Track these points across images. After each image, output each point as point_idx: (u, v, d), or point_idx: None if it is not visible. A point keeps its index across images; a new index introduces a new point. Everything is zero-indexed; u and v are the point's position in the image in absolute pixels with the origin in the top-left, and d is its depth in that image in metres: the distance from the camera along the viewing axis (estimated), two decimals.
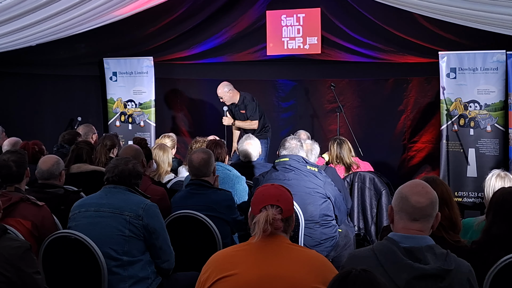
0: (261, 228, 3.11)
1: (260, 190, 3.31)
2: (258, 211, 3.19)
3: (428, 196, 3.06)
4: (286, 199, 3.25)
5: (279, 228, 3.17)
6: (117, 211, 4.41)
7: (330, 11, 10.24)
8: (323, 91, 10.44)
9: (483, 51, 8.82)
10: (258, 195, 3.27)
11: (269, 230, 3.12)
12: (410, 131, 10.15)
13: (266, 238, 3.14)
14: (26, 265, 3.58)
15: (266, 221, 3.11)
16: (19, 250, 3.56)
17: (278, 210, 3.17)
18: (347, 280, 2.48)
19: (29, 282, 3.58)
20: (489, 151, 8.85)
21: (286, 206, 3.22)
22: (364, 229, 7.14)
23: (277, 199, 3.20)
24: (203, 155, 5.37)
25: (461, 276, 2.95)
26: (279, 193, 3.26)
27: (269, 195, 3.23)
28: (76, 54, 10.90)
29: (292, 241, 3.26)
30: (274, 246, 3.17)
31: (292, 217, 3.29)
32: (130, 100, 10.79)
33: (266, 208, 3.17)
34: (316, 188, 5.72)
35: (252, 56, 10.67)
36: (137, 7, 9.43)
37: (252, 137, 7.22)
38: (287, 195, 3.29)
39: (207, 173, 5.36)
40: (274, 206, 3.18)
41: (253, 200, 3.28)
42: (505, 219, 3.97)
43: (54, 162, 5.42)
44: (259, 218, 3.14)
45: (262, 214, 3.14)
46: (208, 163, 5.35)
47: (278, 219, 3.14)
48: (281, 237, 3.20)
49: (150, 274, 4.48)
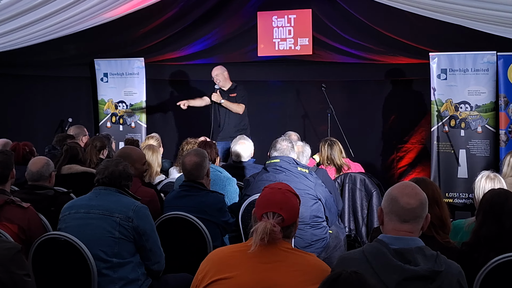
0: (258, 238, 3.06)
1: (267, 191, 3.26)
2: (260, 216, 3.15)
3: (417, 198, 3.07)
4: (290, 206, 3.21)
5: (277, 238, 3.11)
6: (107, 213, 4.40)
7: (321, 12, 10.25)
8: (314, 92, 10.43)
9: (473, 52, 8.85)
10: (263, 198, 3.22)
11: (266, 240, 3.06)
12: (399, 131, 10.16)
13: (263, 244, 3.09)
14: (17, 267, 3.54)
15: (263, 232, 3.06)
16: (10, 251, 3.53)
17: (279, 219, 3.12)
18: (338, 282, 2.48)
19: (21, 285, 3.55)
20: (479, 152, 8.87)
21: (289, 215, 3.17)
22: (355, 230, 7.15)
23: (280, 207, 3.16)
24: (195, 158, 5.35)
25: (451, 277, 2.96)
26: (284, 200, 3.20)
27: (274, 201, 3.18)
28: (66, 55, 10.86)
29: None
30: (273, 251, 3.12)
31: (295, 223, 3.24)
32: (121, 101, 10.77)
33: (268, 216, 3.13)
34: (306, 189, 5.71)
35: (243, 57, 10.67)
36: (128, 9, 9.40)
37: (245, 137, 7.23)
38: (292, 203, 3.24)
39: (199, 176, 5.34)
40: (276, 214, 3.13)
41: (258, 201, 3.23)
42: (495, 220, 3.98)
43: (44, 163, 5.40)
44: (257, 228, 3.08)
45: (261, 224, 3.09)
46: (200, 167, 5.33)
47: (276, 231, 3.09)
48: (281, 242, 3.15)
49: (140, 275, 4.47)
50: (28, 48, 9.75)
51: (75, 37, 9.93)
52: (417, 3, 7.92)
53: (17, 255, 3.51)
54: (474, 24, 8.00)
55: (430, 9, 7.96)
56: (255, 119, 10.25)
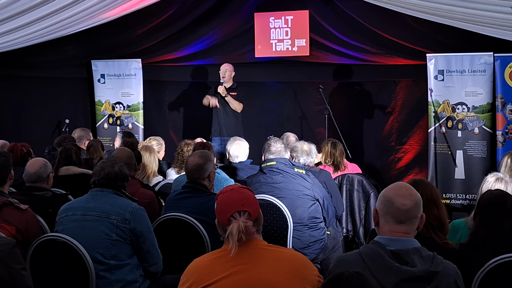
0: (236, 240, 3.08)
1: (222, 198, 3.25)
2: (226, 220, 3.15)
3: (412, 198, 3.07)
4: (250, 200, 3.23)
5: (252, 233, 3.13)
6: (104, 215, 4.40)
7: (318, 14, 10.26)
8: (311, 93, 10.44)
9: (470, 53, 8.85)
10: (222, 204, 3.22)
11: (243, 239, 3.09)
12: (398, 133, 10.17)
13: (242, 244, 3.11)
14: (14, 261, 3.53)
15: (239, 231, 3.08)
16: (7, 246, 3.54)
17: (246, 215, 3.14)
18: (340, 282, 2.48)
19: (19, 279, 3.55)
20: (476, 153, 8.88)
21: (252, 208, 3.19)
22: (353, 231, 7.15)
23: (242, 203, 3.17)
24: (198, 159, 5.28)
25: (448, 278, 2.96)
26: (242, 196, 3.22)
27: (233, 201, 3.19)
28: (64, 56, 10.87)
29: (281, 244, 3.26)
30: (250, 250, 3.13)
31: (260, 216, 3.26)
32: (118, 102, 10.76)
33: (235, 217, 3.14)
34: (304, 190, 5.72)
35: (240, 58, 10.67)
36: (126, 9, 9.40)
37: (241, 138, 7.23)
38: (250, 195, 3.26)
39: (200, 178, 5.27)
40: (241, 212, 3.15)
41: (217, 209, 3.23)
42: (493, 221, 3.98)
43: (41, 165, 5.39)
44: (231, 230, 3.09)
45: (234, 225, 3.10)
46: (202, 168, 5.26)
47: (249, 226, 3.12)
48: (255, 239, 3.17)
49: (138, 277, 4.47)
50: (25, 49, 9.75)
51: (72, 38, 9.93)
52: (413, 6, 7.92)
53: (13, 249, 3.52)
54: (471, 27, 8.02)
55: (427, 11, 7.97)
56: (252, 120, 10.27)
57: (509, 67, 8.59)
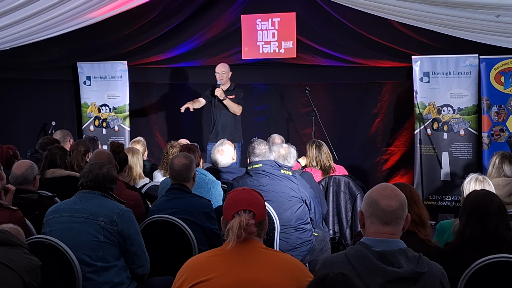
0: (235, 234, 3.11)
1: (231, 195, 3.30)
2: (231, 216, 3.18)
3: (397, 199, 3.08)
4: (258, 203, 3.25)
5: (253, 232, 3.16)
6: (91, 217, 4.39)
7: (305, 16, 10.27)
8: (298, 95, 10.45)
9: (456, 55, 8.90)
10: (230, 201, 3.26)
11: (243, 235, 3.12)
12: (384, 134, 10.19)
13: (240, 243, 3.14)
14: (37, 280, 3.78)
15: (239, 227, 3.11)
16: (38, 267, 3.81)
17: (251, 215, 3.17)
18: (325, 283, 2.50)
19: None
20: (462, 154, 8.93)
21: (259, 210, 3.22)
22: (339, 232, 7.15)
23: (249, 203, 3.20)
24: (184, 160, 5.35)
25: (434, 278, 2.97)
26: (251, 197, 3.25)
27: (241, 200, 3.22)
28: (49, 58, 10.84)
29: (267, 246, 3.26)
30: (248, 250, 3.17)
31: (265, 221, 3.29)
32: (104, 104, 10.74)
33: (239, 214, 3.16)
34: (291, 192, 5.72)
35: (227, 60, 10.61)
36: (111, 9, 9.38)
37: (224, 143, 7.08)
38: (259, 199, 3.29)
39: (187, 178, 5.33)
40: (247, 211, 3.18)
41: (225, 206, 3.27)
42: (479, 221, 4.01)
43: (28, 167, 5.38)
44: (232, 224, 3.13)
45: (236, 220, 3.14)
46: (189, 168, 5.33)
47: (251, 224, 3.14)
48: (255, 241, 3.20)
49: (125, 279, 4.46)
50: (10, 51, 9.71)
51: (58, 40, 9.90)
52: (399, 13, 7.98)
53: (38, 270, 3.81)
54: (457, 32, 8.09)
55: (413, 18, 8.04)
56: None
57: (495, 69, 8.64)
